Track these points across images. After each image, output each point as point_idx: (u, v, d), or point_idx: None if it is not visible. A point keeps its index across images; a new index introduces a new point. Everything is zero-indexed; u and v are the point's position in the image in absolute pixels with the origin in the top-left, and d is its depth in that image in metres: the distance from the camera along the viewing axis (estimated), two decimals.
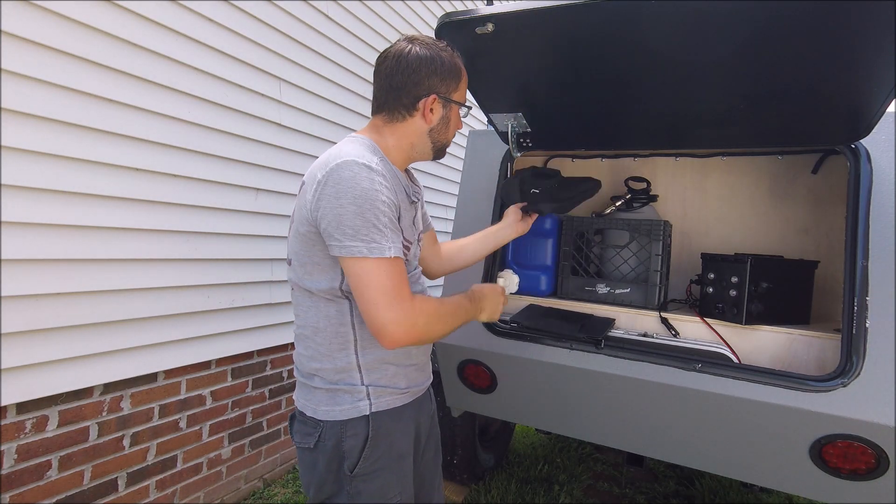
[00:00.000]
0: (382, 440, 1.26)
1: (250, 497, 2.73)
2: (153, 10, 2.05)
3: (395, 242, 1.14)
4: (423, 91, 1.26)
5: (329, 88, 3.03)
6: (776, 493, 2.84)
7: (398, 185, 1.26)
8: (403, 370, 1.32)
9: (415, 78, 1.25)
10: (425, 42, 1.28)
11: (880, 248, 1.55)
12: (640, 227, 2.05)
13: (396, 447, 1.29)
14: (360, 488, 1.23)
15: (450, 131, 1.35)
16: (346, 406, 1.24)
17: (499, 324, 2.01)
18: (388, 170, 1.24)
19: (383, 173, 1.16)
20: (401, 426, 1.31)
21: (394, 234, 1.15)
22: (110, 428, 2.06)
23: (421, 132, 1.30)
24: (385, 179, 1.16)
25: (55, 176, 1.80)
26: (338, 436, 1.23)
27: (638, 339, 1.89)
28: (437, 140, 1.34)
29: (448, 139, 1.36)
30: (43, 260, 1.79)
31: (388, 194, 1.15)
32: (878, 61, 1.20)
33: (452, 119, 1.34)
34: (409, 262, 1.33)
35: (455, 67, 1.30)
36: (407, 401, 1.34)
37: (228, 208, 2.45)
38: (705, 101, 1.56)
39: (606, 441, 2.04)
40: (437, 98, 1.27)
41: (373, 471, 1.24)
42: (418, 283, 1.38)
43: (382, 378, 1.27)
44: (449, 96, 1.30)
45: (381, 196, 1.13)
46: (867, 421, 1.46)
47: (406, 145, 1.31)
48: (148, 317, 2.13)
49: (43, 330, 1.80)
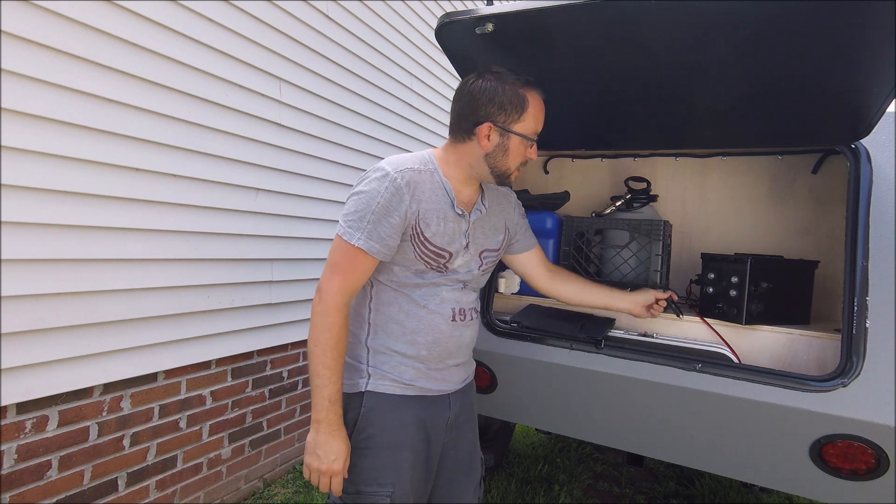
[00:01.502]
0: (374, 420, 1.33)
1: (250, 497, 2.73)
2: (153, 10, 2.05)
3: (369, 237, 1.26)
4: (481, 118, 1.32)
5: (329, 88, 3.03)
6: (776, 493, 2.84)
7: (439, 195, 1.35)
8: (412, 363, 1.37)
9: (473, 105, 1.33)
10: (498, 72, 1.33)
11: (880, 248, 1.55)
12: (640, 227, 2.05)
13: (390, 434, 1.33)
14: (354, 461, 1.32)
15: (509, 160, 1.35)
16: (351, 381, 1.37)
17: (499, 324, 2.01)
18: (430, 179, 1.34)
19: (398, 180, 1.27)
20: (397, 415, 1.34)
21: (374, 230, 1.26)
22: (110, 428, 2.06)
23: (478, 156, 1.35)
24: (396, 186, 1.27)
25: (55, 176, 1.80)
26: (345, 406, 1.34)
27: (638, 339, 1.89)
28: (495, 167, 1.35)
29: (508, 167, 1.36)
30: (43, 260, 1.79)
31: (391, 199, 1.26)
32: (878, 61, 1.20)
33: (511, 149, 1.34)
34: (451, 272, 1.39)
35: (517, 99, 1.31)
36: (408, 393, 1.37)
37: (228, 208, 2.45)
38: (705, 101, 1.56)
39: (606, 441, 2.04)
40: (494, 126, 1.31)
41: (364, 447, 1.32)
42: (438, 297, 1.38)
43: (386, 364, 1.36)
44: (508, 126, 1.31)
45: (379, 198, 1.26)
46: (867, 421, 1.46)
47: (465, 165, 1.38)
48: (148, 317, 2.13)
49: (43, 330, 1.80)
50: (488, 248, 1.49)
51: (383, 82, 3.49)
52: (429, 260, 1.34)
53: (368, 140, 3.40)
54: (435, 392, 1.41)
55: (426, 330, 1.37)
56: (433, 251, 1.34)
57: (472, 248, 1.43)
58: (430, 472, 1.42)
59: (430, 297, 1.37)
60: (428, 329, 1.37)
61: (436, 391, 1.41)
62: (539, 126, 1.37)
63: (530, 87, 1.33)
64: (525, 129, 1.33)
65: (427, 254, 1.33)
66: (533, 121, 1.34)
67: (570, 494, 2.84)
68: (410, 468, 1.34)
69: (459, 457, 1.49)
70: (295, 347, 3.00)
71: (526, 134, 1.33)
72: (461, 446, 1.50)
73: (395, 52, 3.58)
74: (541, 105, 1.36)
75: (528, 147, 1.36)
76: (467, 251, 1.41)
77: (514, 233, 1.62)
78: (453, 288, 1.40)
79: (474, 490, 1.54)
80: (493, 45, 1.42)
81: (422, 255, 1.33)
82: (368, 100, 3.37)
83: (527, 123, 1.33)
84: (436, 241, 1.34)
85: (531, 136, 1.35)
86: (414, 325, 1.36)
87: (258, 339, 2.70)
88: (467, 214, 1.40)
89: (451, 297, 1.40)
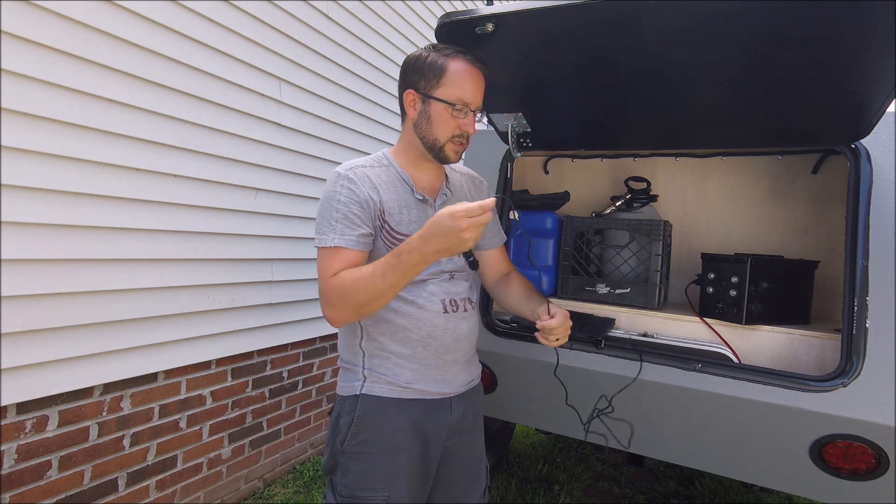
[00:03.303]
0: (369, 424, 1.32)
1: (250, 497, 2.73)
2: (153, 10, 2.05)
3: (342, 234, 1.26)
4: (406, 87, 1.35)
5: (329, 88, 3.03)
6: (776, 493, 2.84)
7: (397, 185, 1.36)
8: (408, 363, 1.35)
9: (402, 77, 1.36)
10: (429, 45, 1.35)
11: (880, 248, 1.55)
12: (640, 227, 2.05)
13: (386, 438, 1.32)
14: (348, 465, 1.32)
15: (433, 129, 1.32)
16: (348, 384, 1.37)
17: (499, 324, 2.01)
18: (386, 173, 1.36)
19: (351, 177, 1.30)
20: (393, 419, 1.33)
21: (346, 226, 1.27)
22: (110, 428, 2.06)
23: (410, 129, 1.37)
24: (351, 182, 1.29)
25: (55, 176, 1.80)
26: (339, 410, 1.36)
27: (638, 339, 1.89)
28: (424, 137, 1.34)
29: (436, 137, 1.33)
30: (43, 260, 1.79)
31: (349, 194, 1.28)
32: (878, 61, 1.20)
33: (433, 116, 1.31)
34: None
35: (436, 65, 1.30)
36: (406, 396, 1.35)
37: (228, 208, 2.45)
38: (705, 101, 1.56)
39: (606, 441, 2.04)
40: (416, 93, 1.33)
41: (359, 452, 1.32)
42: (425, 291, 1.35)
43: (382, 366, 1.35)
44: (428, 92, 1.30)
45: (338, 196, 1.29)
46: (867, 421, 1.46)
47: (406, 143, 1.40)
48: (148, 317, 2.13)
49: (43, 330, 1.80)
50: None
51: (383, 82, 3.49)
52: None
53: (369, 140, 3.40)
54: (434, 395, 1.38)
55: (418, 325, 1.34)
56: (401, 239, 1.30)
57: None
58: (429, 476, 1.39)
59: (416, 292, 1.34)
60: (420, 324, 1.34)
61: (435, 393, 1.38)
62: (467, 95, 1.31)
63: (458, 55, 1.31)
64: (446, 94, 1.30)
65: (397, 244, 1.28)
66: (455, 88, 1.30)
67: (570, 494, 2.84)
68: (407, 473, 1.32)
69: (462, 463, 1.46)
70: (295, 347, 3.00)
71: (447, 100, 1.30)
72: (465, 452, 1.46)
73: (395, 52, 3.58)
74: (470, 73, 1.31)
75: (459, 116, 1.31)
76: None
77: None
78: (440, 280, 1.37)
79: (479, 499, 1.50)
80: (493, 45, 1.42)
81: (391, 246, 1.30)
82: (368, 100, 3.37)
83: (447, 90, 1.30)
84: (402, 230, 1.32)
85: (452, 102, 1.30)
86: (405, 323, 1.33)
87: (258, 339, 2.70)
88: (431, 200, 1.39)
89: (439, 289, 1.37)
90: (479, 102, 1.35)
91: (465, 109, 1.32)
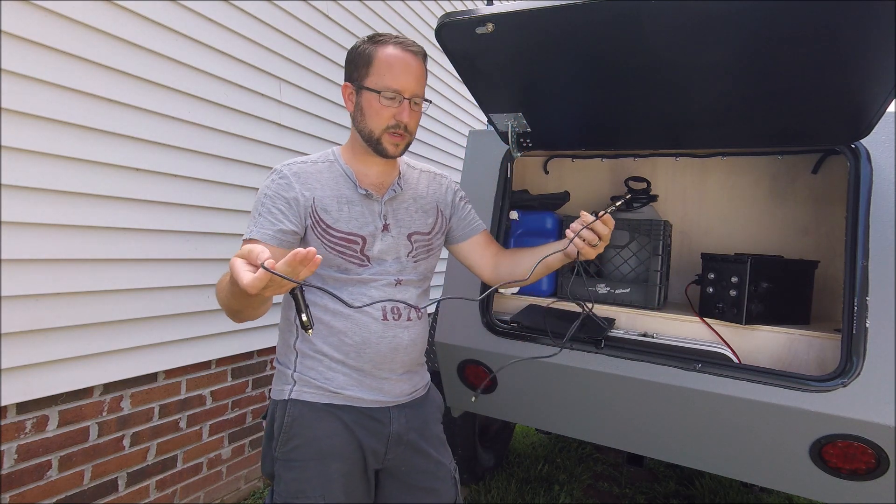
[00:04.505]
0: (299, 430, 1.27)
1: (250, 497, 2.73)
2: (153, 10, 2.05)
3: (260, 226, 1.23)
4: (344, 80, 1.34)
5: (329, 88, 3.03)
6: (776, 493, 2.84)
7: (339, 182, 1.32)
8: (341, 369, 1.29)
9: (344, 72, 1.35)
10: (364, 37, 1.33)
11: (880, 248, 1.54)
12: (640, 227, 2.05)
13: (318, 444, 1.26)
14: (280, 472, 1.28)
15: (367, 120, 1.28)
16: (279, 387, 1.33)
17: (499, 324, 2.01)
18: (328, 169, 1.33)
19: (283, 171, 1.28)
20: (325, 425, 1.27)
21: (267, 220, 1.23)
22: (110, 428, 2.06)
23: (352, 123, 1.35)
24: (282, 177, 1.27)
25: (55, 176, 1.80)
26: (272, 414, 1.31)
27: (638, 339, 1.89)
28: (361, 130, 1.31)
29: (371, 129, 1.28)
30: (43, 260, 1.79)
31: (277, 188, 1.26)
32: (878, 61, 1.20)
33: (365, 107, 1.28)
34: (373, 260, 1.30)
35: (364, 54, 1.28)
36: (337, 402, 1.29)
37: (228, 208, 2.45)
38: (705, 101, 1.56)
39: (606, 441, 2.04)
40: (350, 85, 1.31)
41: (291, 459, 1.27)
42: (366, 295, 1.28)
43: (313, 370, 1.31)
44: (360, 82, 1.28)
45: (266, 191, 1.27)
46: (867, 421, 1.46)
47: (352, 139, 1.37)
48: (148, 317, 2.13)
49: (43, 330, 1.80)
50: (418, 230, 1.39)
51: None
52: (341, 249, 1.27)
53: None
54: (369, 402, 1.31)
55: (354, 330, 1.28)
56: (341, 237, 1.27)
57: (395, 231, 1.34)
58: (370, 483, 1.34)
59: (357, 295, 1.28)
60: (356, 329, 1.28)
61: (370, 401, 1.31)
62: (398, 82, 1.26)
63: (387, 42, 1.28)
64: (374, 83, 1.26)
65: (336, 242, 1.26)
66: (382, 76, 1.25)
67: (570, 494, 2.84)
68: (343, 477, 1.27)
69: (413, 476, 1.38)
70: None
71: (374, 88, 1.26)
72: (415, 464, 1.38)
73: None
74: (399, 58, 1.27)
75: (392, 106, 1.26)
76: (388, 233, 1.32)
77: (450, 216, 1.50)
78: (385, 284, 1.31)
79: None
80: (493, 45, 1.42)
81: (332, 246, 1.26)
82: None
83: (375, 78, 1.26)
84: (340, 227, 1.27)
85: (379, 90, 1.25)
86: (341, 325, 1.28)
87: (258, 338, 2.70)
88: (377, 196, 1.33)
89: (382, 294, 1.30)
90: (413, 89, 1.28)
91: (398, 97, 1.26)
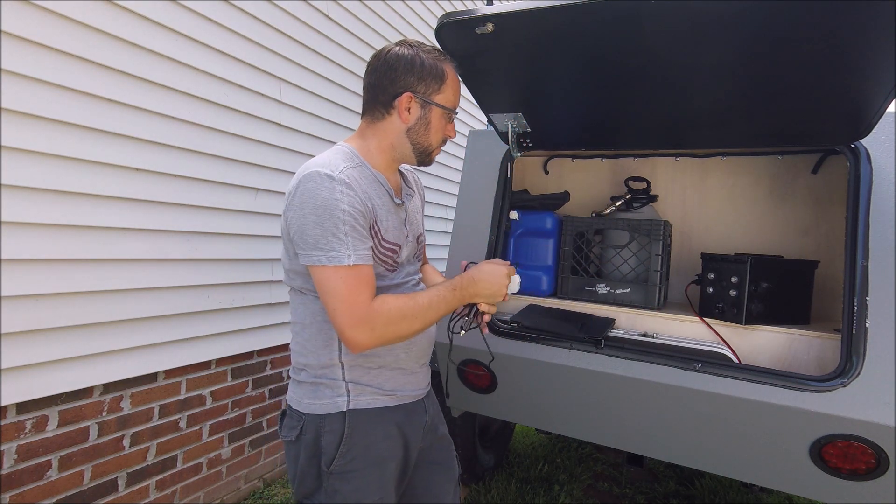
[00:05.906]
0: (359, 439, 1.25)
1: (250, 497, 2.73)
2: (153, 10, 2.05)
3: (357, 249, 1.15)
4: (400, 88, 1.25)
5: (329, 88, 3.03)
6: (776, 493, 2.84)
7: (376, 188, 1.26)
8: (390, 371, 1.31)
9: (391, 75, 1.25)
10: (411, 44, 1.28)
11: (880, 248, 1.55)
12: (640, 227, 2.05)
13: (375, 449, 1.27)
14: (336, 486, 1.24)
15: (430, 135, 1.30)
16: (326, 400, 1.26)
17: (499, 323, 2.01)
18: (363, 174, 1.24)
19: (347, 181, 1.17)
20: (382, 428, 1.28)
21: (357, 240, 1.16)
22: (110, 428, 2.06)
23: (399, 132, 1.29)
24: (349, 187, 1.17)
25: (55, 176, 1.80)
26: (317, 430, 1.25)
27: (638, 339, 1.89)
28: (418, 143, 1.30)
29: (430, 143, 1.32)
30: (43, 260, 1.78)
31: (352, 202, 1.16)
32: (878, 61, 1.20)
33: (433, 122, 1.29)
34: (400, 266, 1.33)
35: (436, 70, 1.27)
36: (390, 403, 1.31)
37: (228, 208, 2.45)
38: (705, 102, 1.56)
39: (606, 441, 2.04)
40: (414, 97, 1.26)
41: (349, 470, 1.24)
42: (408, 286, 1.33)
43: (365, 376, 1.28)
44: (428, 97, 1.27)
45: (341, 205, 1.14)
46: (867, 421, 1.46)
47: (387, 146, 1.31)
48: (148, 317, 2.13)
49: (43, 330, 1.80)
50: (421, 231, 1.44)
51: None
52: (385, 258, 1.27)
53: None
54: (412, 394, 1.36)
55: None
56: (388, 248, 1.28)
57: (411, 235, 1.37)
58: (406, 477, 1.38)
59: None
60: None
61: (413, 397, 1.37)
62: (457, 101, 1.32)
63: (448, 60, 1.30)
64: (445, 101, 1.29)
65: (383, 252, 1.27)
66: (452, 94, 1.30)
67: (570, 494, 2.84)
68: (395, 479, 1.31)
69: (435, 457, 1.46)
70: None
71: (447, 106, 1.29)
72: (437, 446, 1.46)
73: None
74: (457, 80, 1.32)
75: (448, 122, 1.32)
76: (408, 240, 1.36)
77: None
78: (412, 284, 1.36)
79: (454, 490, 1.49)
80: (493, 45, 1.42)
81: (379, 255, 1.26)
82: None
83: (446, 95, 1.29)
84: (389, 237, 1.27)
85: (451, 108, 1.30)
86: None
87: (258, 339, 2.70)
88: (403, 203, 1.35)
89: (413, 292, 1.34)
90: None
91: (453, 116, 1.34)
